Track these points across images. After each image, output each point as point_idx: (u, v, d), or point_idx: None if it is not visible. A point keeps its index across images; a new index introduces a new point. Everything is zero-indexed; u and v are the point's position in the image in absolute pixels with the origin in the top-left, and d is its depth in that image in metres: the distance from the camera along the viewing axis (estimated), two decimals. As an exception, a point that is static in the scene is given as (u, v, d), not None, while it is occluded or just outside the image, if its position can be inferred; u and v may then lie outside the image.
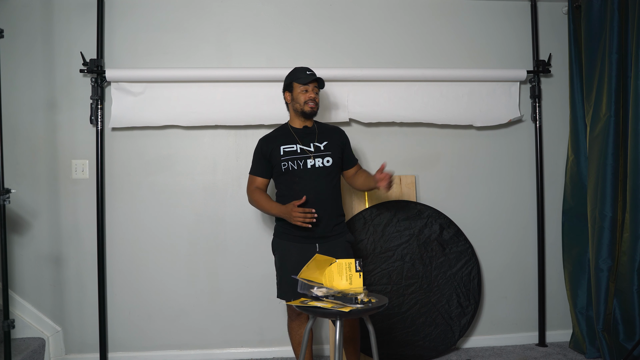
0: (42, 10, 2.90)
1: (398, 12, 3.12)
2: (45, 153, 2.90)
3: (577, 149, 3.03)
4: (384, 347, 2.82)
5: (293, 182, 2.34)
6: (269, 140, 2.43)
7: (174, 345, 2.97)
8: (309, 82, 2.36)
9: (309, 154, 2.35)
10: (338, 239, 2.36)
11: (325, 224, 2.32)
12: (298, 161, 2.34)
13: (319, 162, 2.35)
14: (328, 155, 2.37)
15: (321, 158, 2.36)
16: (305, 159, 2.34)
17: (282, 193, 2.40)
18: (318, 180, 2.33)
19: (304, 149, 2.36)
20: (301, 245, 2.32)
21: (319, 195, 2.31)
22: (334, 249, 2.30)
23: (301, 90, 2.38)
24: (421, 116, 3.03)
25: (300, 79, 2.38)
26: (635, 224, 2.63)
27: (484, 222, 3.16)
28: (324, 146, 2.38)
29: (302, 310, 1.97)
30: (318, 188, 2.32)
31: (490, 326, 3.17)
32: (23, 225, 2.87)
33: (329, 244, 2.33)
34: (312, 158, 2.35)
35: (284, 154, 2.35)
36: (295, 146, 2.37)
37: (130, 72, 2.85)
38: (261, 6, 3.03)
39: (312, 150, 2.37)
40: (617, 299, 2.76)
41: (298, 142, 2.38)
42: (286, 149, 2.36)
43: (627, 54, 2.75)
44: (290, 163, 2.33)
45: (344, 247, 2.36)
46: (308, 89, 2.37)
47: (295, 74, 2.42)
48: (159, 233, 2.96)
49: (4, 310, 2.41)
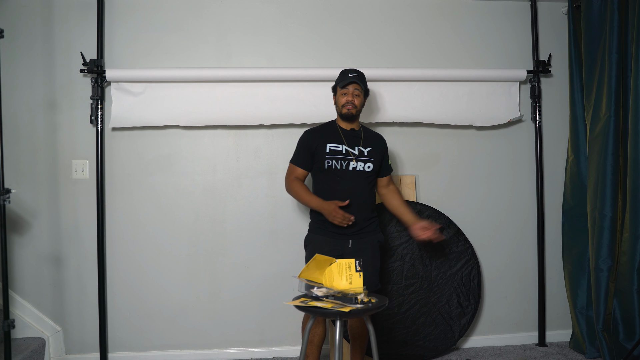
0: (42, 10, 2.90)
1: (398, 12, 3.12)
2: (45, 153, 2.90)
3: (577, 149, 3.03)
4: (384, 347, 2.82)
5: (333, 181, 2.38)
6: (316, 135, 2.46)
7: (174, 345, 2.97)
8: (347, 85, 2.40)
9: (352, 157, 2.40)
10: (370, 237, 2.42)
11: (359, 223, 2.38)
12: (342, 161, 2.38)
13: (361, 166, 2.40)
14: (370, 161, 2.42)
15: (363, 162, 2.41)
16: (348, 161, 2.39)
17: (320, 189, 2.44)
18: (357, 182, 2.39)
19: (349, 151, 2.41)
20: (335, 240, 2.37)
21: (356, 198, 2.36)
22: (364, 247, 2.38)
23: (341, 92, 2.43)
24: (421, 116, 3.03)
25: (340, 82, 2.43)
26: (635, 224, 2.63)
27: (484, 222, 3.16)
28: (368, 152, 2.44)
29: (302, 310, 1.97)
30: (356, 190, 2.37)
31: (490, 326, 3.17)
32: (23, 225, 2.87)
33: (361, 241, 2.39)
34: (355, 161, 2.40)
35: (329, 152, 2.39)
36: (342, 147, 2.41)
37: (130, 72, 2.85)
38: (261, 6, 3.03)
39: (357, 154, 2.42)
40: (617, 299, 2.76)
41: (344, 143, 2.42)
42: (332, 147, 2.41)
43: (627, 54, 2.75)
44: (334, 162, 2.38)
45: (374, 245, 2.43)
46: (347, 92, 2.40)
47: (338, 77, 2.47)
48: (159, 233, 2.96)
49: (4, 310, 2.40)
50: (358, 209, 2.36)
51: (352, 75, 2.40)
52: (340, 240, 2.37)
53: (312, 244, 2.43)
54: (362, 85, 2.42)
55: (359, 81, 2.40)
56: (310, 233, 2.47)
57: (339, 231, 2.36)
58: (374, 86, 3.00)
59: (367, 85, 2.47)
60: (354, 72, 2.43)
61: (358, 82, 2.39)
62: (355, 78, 2.40)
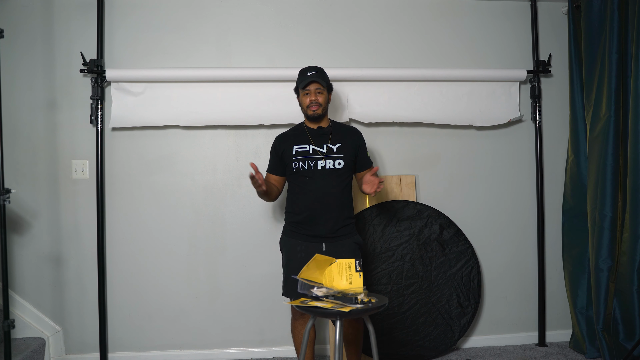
0: (42, 10, 2.90)
1: (398, 12, 3.12)
2: (45, 153, 2.90)
3: (577, 149, 3.03)
4: (384, 347, 2.82)
5: (303, 182, 2.35)
6: (284, 139, 2.44)
7: (174, 345, 2.97)
8: (307, 85, 2.34)
9: (320, 155, 2.35)
10: (345, 240, 2.36)
11: (332, 225, 2.33)
12: (309, 162, 2.34)
13: (330, 163, 2.35)
14: (340, 157, 2.36)
15: (332, 160, 2.35)
16: (316, 160, 2.34)
17: (292, 191, 2.42)
18: (327, 182, 2.33)
19: (316, 150, 2.36)
20: (307, 244, 2.33)
21: (327, 197, 2.31)
22: (340, 250, 2.31)
23: (303, 93, 2.38)
24: (421, 116, 3.03)
25: (300, 83, 2.37)
26: (635, 224, 2.63)
27: (484, 222, 3.16)
28: (337, 148, 2.37)
29: (302, 310, 1.97)
30: (326, 189, 2.32)
31: (490, 326, 3.17)
32: (23, 225, 2.87)
33: (335, 244, 2.34)
34: (323, 159, 2.35)
35: (296, 154, 2.36)
36: (308, 146, 2.37)
37: (130, 72, 2.85)
38: (261, 6, 3.03)
39: (324, 152, 2.36)
40: (617, 299, 2.76)
41: (311, 143, 2.38)
42: (299, 148, 2.37)
43: (627, 54, 2.74)
44: (301, 163, 2.34)
45: (351, 248, 2.36)
46: (309, 92, 2.35)
47: (298, 77, 2.41)
48: (159, 233, 2.96)
49: (4, 310, 2.40)
50: (329, 207, 2.31)
51: (311, 74, 2.34)
52: (313, 244, 2.32)
53: (286, 247, 2.40)
54: (323, 82, 2.35)
55: (319, 79, 2.33)
56: (284, 235, 2.44)
57: (310, 233, 2.32)
58: (374, 86, 3.00)
59: (328, 81, 2.40)
60: (312, 70, 2.37)
61: (318, 80, 2.33)
62: (315, 76, 2.33)
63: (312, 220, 2.32)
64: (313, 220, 2.32)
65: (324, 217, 2.31)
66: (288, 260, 2.38)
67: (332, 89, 2.45)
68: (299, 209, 2.35)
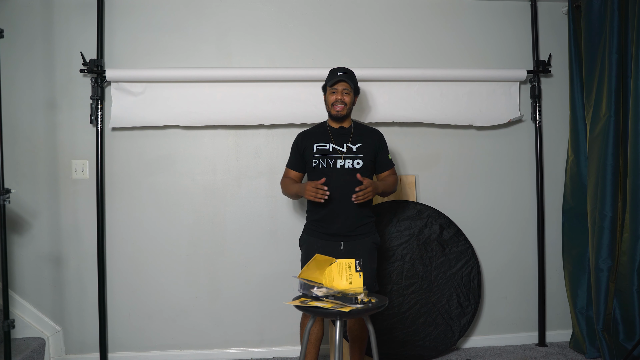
0: (42, 10, 2.90)
1: (398, 12, 3.12)
2: (45, 153, 2.90)
3: (577, 149, 3.03)
4: (384, 347, 2.81)
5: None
6: (306, 137, 2.48)
7: (174, 345, 2.97)
8: (336, 83, 2.38)
9: (340, 154, 2.38)
10: (363, 239, 2.38)
11: (350, 224, 2.35)
12: (328, 160, 2.37)
13: (349, 163, 2.37)
14: (359, 157, 2.38)
15: (352, 159, 2.38)
16: (335, 159, 2.37)
17: None
18: (347, 180, 2.35)
19: (336, 149, 2.39)
20: (326, 242, 2.35)
21: (345, 196, 2.32)
22: (357, 249, 2.33)
23: (330, 91, 2.41)
24: (421, 116, 3.03)
25: (329, 81, 2.41)
26: (635, 224, 2.63)
27: (484, 222, 3.16)
28: (357, 148, 2.40)
29: (302, 310, 1.97)
30: (345, 188, 2.33)
31: (490, 326, 3.17)
32: (23, 225, 2.87)
33: (353, 243, 2.36)
34: (343, 158, 2.38)
35: (316, 152, 2.40)
36: (329, 145, 2.41)
37: (130, 72, 2.85)
38: (261, 6, 3.03)
39: (344, 151, 2.39)
40: (617, 299, 2.76)
41: (332, 142, 2.41)
42: (319, 146, 2.41)
43: (627, 54, 2.75)
44: (321, 161, 2.37)
45: (368, 247, 2.38)
46: (336, 90, 2.38)
47: (327, 76, 2.45)
48: (159, 233, 2.96)
49: (4, 310, 2.40)
50: (347, 206, 2.33)
51: (341, 74, 2.38)
52: (331, 242, 2.35)
53: (305, 244, 2.43)
54: (351, 83, 2.38)
55: (348, 79, 2.37)
56: (304, 234, 2.47)
57: (329, 232, 2.35)
58: (375, 86, 3.00)
59: (357, 84, 2.45)
60: (342, 71, 2.40)
61: (347, 80, 2.36)
62: (344, 76, 2.37)
63: (330, 219, 2.35)
64: (331, 218, 2.35)
65: (342, 216, 2.33)
66: (307, 258, 2.37)
67: (359, 92, 2.50)
68: (318, 207, 2.37)
